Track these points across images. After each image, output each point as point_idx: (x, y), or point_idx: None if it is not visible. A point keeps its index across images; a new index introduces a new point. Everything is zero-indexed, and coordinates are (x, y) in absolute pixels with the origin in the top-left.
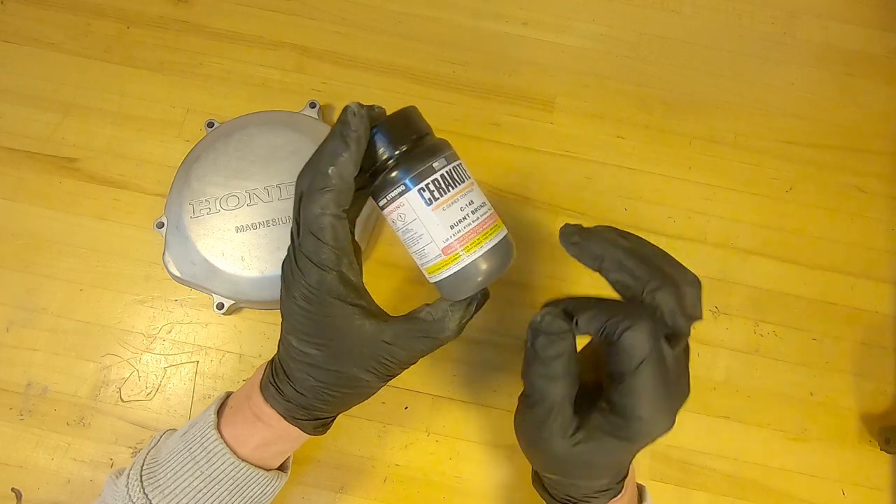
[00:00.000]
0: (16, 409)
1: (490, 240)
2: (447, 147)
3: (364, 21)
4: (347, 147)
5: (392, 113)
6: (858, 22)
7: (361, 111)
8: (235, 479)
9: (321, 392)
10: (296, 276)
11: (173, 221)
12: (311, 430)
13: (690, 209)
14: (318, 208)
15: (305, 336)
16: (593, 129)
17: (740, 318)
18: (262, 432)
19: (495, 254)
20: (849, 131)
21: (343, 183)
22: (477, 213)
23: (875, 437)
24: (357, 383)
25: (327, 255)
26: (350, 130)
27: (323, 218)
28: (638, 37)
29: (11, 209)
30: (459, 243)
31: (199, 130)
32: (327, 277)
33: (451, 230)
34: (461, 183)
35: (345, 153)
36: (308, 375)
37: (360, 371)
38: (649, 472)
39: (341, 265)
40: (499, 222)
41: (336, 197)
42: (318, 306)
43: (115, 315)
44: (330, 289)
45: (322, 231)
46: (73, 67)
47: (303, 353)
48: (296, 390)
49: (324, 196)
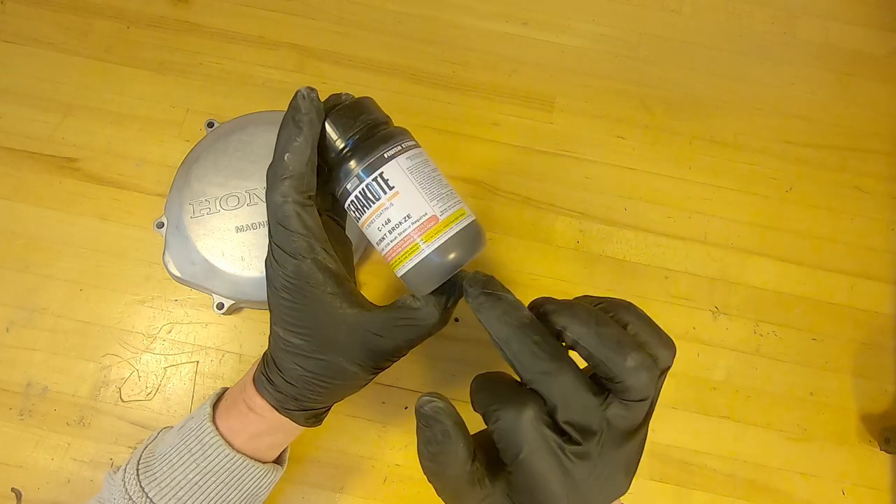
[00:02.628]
0: (16, 409)
1: (465, 217)
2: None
3: (364, 21)
4: (301, 130)
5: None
6: (858, 22)
7: (311, 94)
8: (230, 470)
9: (310, 382)
10: (273, 267)
11: (173, 221)
12: (302, 420)
13: (690, 209)
14: (279, 197)
15: (290, 326)
16: (593, 129)
17: (740, 318)
18: (255, 423)
19: (459, 241)
20: (849, 131)
21: (301, 167)
22: (395, 233)
23: (875, 437)
24: (344, 374)
25: (298, 244)
26: (301, 114)
27: (286, 206)
28: (638, 37)
29: (11, 209)
30: (417, 233)
31: (199, 130)
32: (302, 266)
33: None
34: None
35: (298, 137)
36: (296, 365)
37: (346, 362)
38: (649, 472)
39: (315, 252)
40: (462, 209)
41: (295, 183)
42: (298, 295)
43: (115, 315)
44: (307, 277)
45: (287, 219)
46: (73, 67)
47: (289, 342)
48: (286, 380)
49: (283, 184)
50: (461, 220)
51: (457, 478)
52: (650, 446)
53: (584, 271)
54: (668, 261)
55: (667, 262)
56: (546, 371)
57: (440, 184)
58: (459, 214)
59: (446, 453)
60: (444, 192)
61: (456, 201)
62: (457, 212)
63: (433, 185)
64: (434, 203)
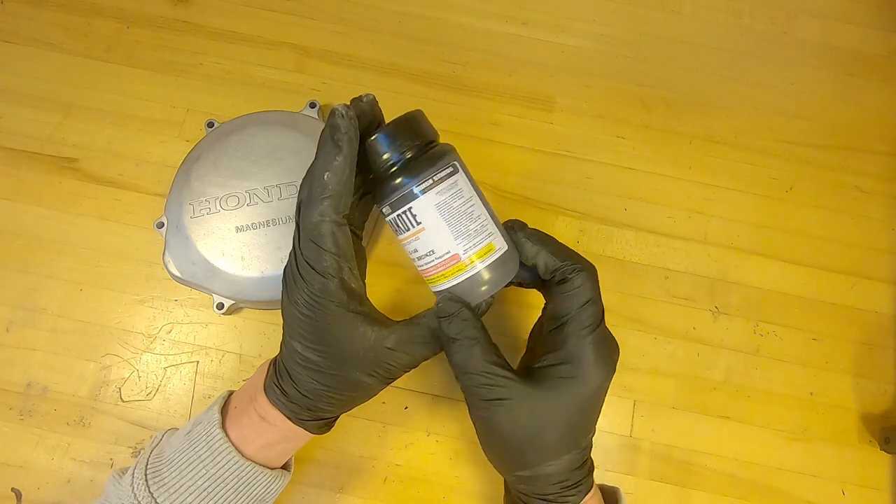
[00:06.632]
0: (16, 409)
1: (493, 253)
2: (452, 155)
3: (364, 21)
4: (340, 150)
5: (398, 117)
6: (858, 22)
7: (349, 112)
8: (240, 477)
9: (325, 395)
10: (297, 282)
11: (173, 221)
12: (315, 430)
13: (690, 209)
14: (317, 216)
15: (308, 342)
16: (593, 129)
17: (740, 318)
18: (268, 433)
19: (479, 279)
20: (849, 131)
21: (340, 187)
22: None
23: (875, 437)
24: (360, 386)
25: (329, 263)
26: (340, 133)
27: (322, 225)
28: (638, 37)
29: (11, 209)
30: (439, 269)
31: (199, 130)
32: (329, 285)
33: (456, 241)
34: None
35: (338, 157)
36: (311, 379)
37: (362, 375)
38: (649, 472)
39: (342, 272)
40: (490, 244)
41: (334, 203)
42: (321, 313)
43: (115, 315)
44: (332, 296)
45: (322, 238)
46: (73, 67)
47: (306, 358)
48: (300, 393)
49: (322, 203)
50: (487, 256)
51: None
52: (650, 446)
53: None
54: (668, 261)
55: (667, 262)
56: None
57: (470, 218)
58: (487, 250)
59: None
60: (472, 228)
61: (486, 235)
62: (485, 247)
63: (462, 220)
64: (459, 241)
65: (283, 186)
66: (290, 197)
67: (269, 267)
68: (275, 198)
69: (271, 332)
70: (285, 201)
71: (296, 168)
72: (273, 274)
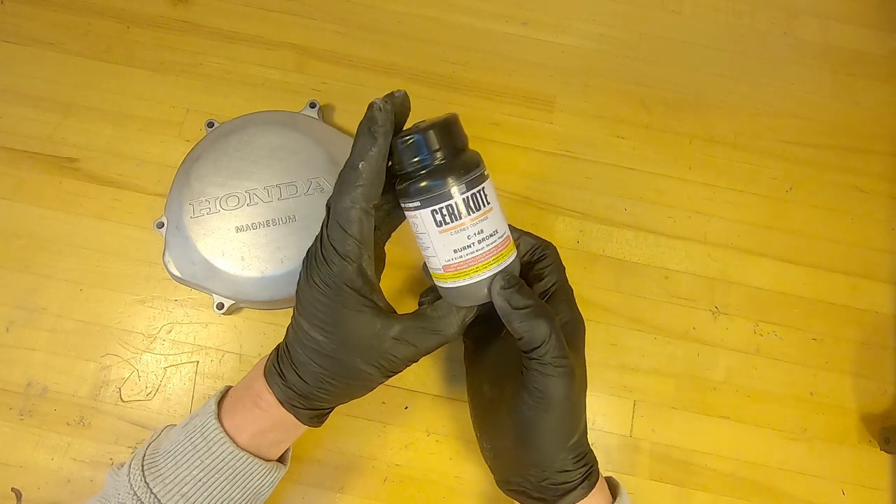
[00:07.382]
0: (16, 409)
1: (493, 266)
2: (476, 168)
3: (364, 21)
4: (375, 141)
5: (432, 121)
6: (858, 22)
7: (386, 106)
8: (234, 467)
9: (323, 380)
10: (318, 262)
11: (173, 221)
12: (306, 419)
13: (690, 209)
14: (348, 201)
15: (316, 321)
16: (593, 129)
17: (740, 318)
18: (260, 419)
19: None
20: (849, 131)
21: (373, 176)
22: (484, 243)
23: (875, 437)
24: (359, 375)
25: (351, 247)
26: (377, 126)
27: (352, 211)
28: (638, 37)
29: (11, 209)
30: (459, 266)
31: (199, 130)
32: (348, 268)
33: (455, 254)
34: (475, 211)
35: (374, 147)
36: (312, 361)
37: (363, 363)
38: (649, 472)
39: (362, 259)
40: (510, 247)
41: (366, 192)
42: (334, 294)
43: (115, 315)
44: (348, 279)
45: (349, 223)
46: (73, 67)
47: (311, 337)
48: (298, 375)
49: (356, 190)
50: (506, 258)
51: None
52: (650, 446)
53: (584, 271)
54: (668, 261)
55: (667, 262)
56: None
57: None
58: (504, 254)
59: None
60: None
61: (503, 241)
62: (502, 252)
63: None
64: (506, 226)
65: (283, 186)
66: (290, 197)
67: (269, 267)
68: (275, 198)
69: (271, 332)
70: (285, 201)
71: (296, 168)
72: (273, 274)
